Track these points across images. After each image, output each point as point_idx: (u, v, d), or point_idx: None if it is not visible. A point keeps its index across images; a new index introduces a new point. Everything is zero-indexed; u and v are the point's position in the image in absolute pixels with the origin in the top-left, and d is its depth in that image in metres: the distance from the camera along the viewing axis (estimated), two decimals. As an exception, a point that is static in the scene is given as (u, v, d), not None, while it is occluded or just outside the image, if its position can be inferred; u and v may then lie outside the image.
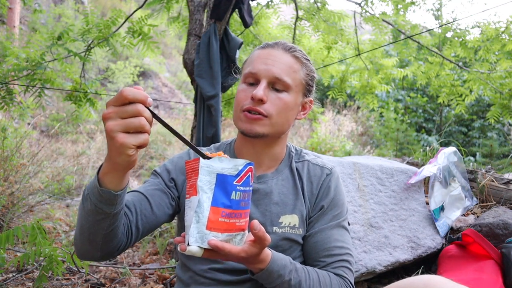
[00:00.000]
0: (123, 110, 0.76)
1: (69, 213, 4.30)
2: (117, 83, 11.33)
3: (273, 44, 1.14)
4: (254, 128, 1.08)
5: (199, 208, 0.82)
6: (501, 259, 1.80)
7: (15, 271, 2.36)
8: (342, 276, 1.08)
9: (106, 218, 0.89)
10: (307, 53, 4.29)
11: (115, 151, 0.78)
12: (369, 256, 1.94)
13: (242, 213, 0.86)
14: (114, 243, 0.97)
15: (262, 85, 1.07)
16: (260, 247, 0.88)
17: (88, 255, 0.98)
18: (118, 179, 0.85)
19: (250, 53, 1.19)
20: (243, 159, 1.16)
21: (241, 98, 1.10)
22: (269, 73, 1.08)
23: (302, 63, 1.14)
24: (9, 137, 3.42)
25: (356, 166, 2.18)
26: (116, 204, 0.88)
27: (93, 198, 0.87)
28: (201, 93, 2.68)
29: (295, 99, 1.12)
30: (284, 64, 1.10)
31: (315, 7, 3.84)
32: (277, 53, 1.11)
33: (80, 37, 2.97)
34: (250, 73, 1.10)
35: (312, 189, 1.17)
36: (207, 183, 0.83)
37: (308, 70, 1.16)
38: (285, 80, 1.09)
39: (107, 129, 0.76)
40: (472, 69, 3.78)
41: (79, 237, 0.95)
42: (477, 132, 7.57)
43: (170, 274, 2.49)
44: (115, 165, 0.82)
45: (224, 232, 0.83)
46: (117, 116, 0.76)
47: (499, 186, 2.41)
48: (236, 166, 0.85)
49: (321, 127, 7.14)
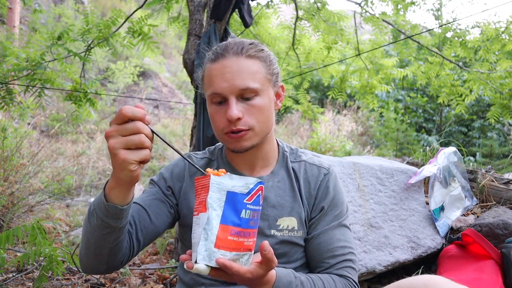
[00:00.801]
0: (124, 128, 0.80)
1: (69, 213, 4.30)
2: (117, 83, 11.33)
3: (222, 52, 1.06)
4: (242, 144, 1.06)
5: (208, 225, 0.81)
6: (501, 259, 1.80)
7: (15, 271, 2.36)
8: (346, 277, 1.08)
9: (112, 232, 0.92)
10: (307, 54, 4.26)
11: (118, 167, 0.83)
12: (369, 256, 1.94)
13: (250, 233, 0.85)
14: (119, 256, 0.99)
15: (232, 103, 1.02)
16: (267, 269, 0.87)
17: (94, 269, 1.01)
18: (123, 194, 0.89)
19: (204, 67, 1.12)
20: (236, 163, 1.17)
21: (217, 122, 1.07)
22: (233, 88, 1.03)
23: (259, 58, 1.07)
24: (9, 137, 3.42)
25: (356, 166, 2.18)
26: (122, 218, 0.91)
27: (100, 213, 0.90)
28: (201, 93, 2.68)
29: (268, 96, 1.08)
30: (243, 71, 1.03)
31: (315, 7, 3.84)
32: (231, 62, 1.04)
33: (80, 37, 2.97)
34: (214, 94, 1.05)
35: (310, 189, 1.16)
36: (217, 200, 0.82)
37: (267, 60, 1.09)
38: (252, 87, 1.03)
39: (109, 146, 0.81)
40: (472, 69, 3.78)
41: (85, 251, 0.97)
42: (477, 132, 7.57)
43: (170, 274, 2.49)
44: (119, 181, 0.86)
45: (232, 251, 0.82)
46: (118, 134, 0.81)
47: (499, 186, 2.41)
48: (247, 184, 0.84)
49: (321, 127, 7.14)
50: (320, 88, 10.08)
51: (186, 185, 1.15)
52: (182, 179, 1.16)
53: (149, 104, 11.44)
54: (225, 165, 1.18)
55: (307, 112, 4.71)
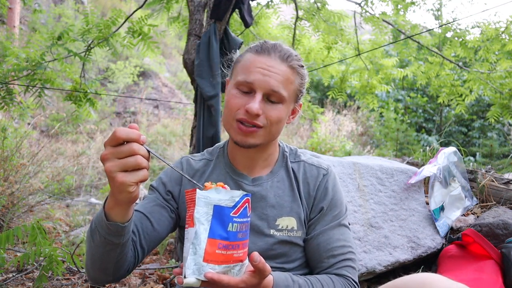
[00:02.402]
0: (119, 150, 0.80)
1: (69, 213, 4.30)
2: (117, 83, 11.33)
3: (269, 49, 1.08)
4: (248, 140, 1.06)
5: (196, 240, 0.82)
6: (501, 259, 1.80)
7: (15, 271, 2.36)
8: (345, 276, 1.09)
9: (116, 248, 0.93)
10: (307, 54, 4.27)
11: (116, 190, 0.82)
12: (369, 256, 1.94)
13: (239, 244, 0.85)
14: (125, 267, 1.01)
15: (258, 98, 1.03)
16: (260, 277, 0.88)
17: (101, 280, 1.03)
18: (123, 212, 0.89)
19: (243, 52, 1.13)
20: (236, 163, 1.17)
21: (233, 105, 1.06)
22: (266, 85, 1.04)
23: (297, 73, 1.10)
24: (9, 137, 3.42)
25: (356, 166, 2.18)
26: (124, 234, 0.92)
27: (102, 231, 0.91)
28: (201, 93, 2.68)
29: (288, 108, 1.10)
30: (281, 76, 1.05)
31: (315, 7, 3.84)
32: (274, 64, 1.05)
33: (80, 37, 2.97)
34: (245, 82, 1.05)
35: (309, 190, 1.16)
36: (204, 214, 0.83)
37: (302, 78, 1.12)
38: (281, 93, 1.05)
39: (106, 170, 0.80)
40: (472, 69, 3.78)
41: (91, 266, 0.98)
42: (477, 132, 7.57)
43: (170, 274, 2.49)
44: (118, 202, 0.86)
45: (222, 263, 0.83)
46: (114, 157, 0.80)
47: (499, 186, 2.41)
48: (233, 197, 0.85)
49: (321, 127, 7.14)
50: (320, 88, 10.08)
51: (184, 188, 1.15)
52: (181, 182, 1.17)
53: (149, 104, 11.45)
54: (225, 165, 1.18)
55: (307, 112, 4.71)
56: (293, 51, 1.12)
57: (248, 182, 1.15)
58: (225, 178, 1.16)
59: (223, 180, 1.15)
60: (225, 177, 1.16)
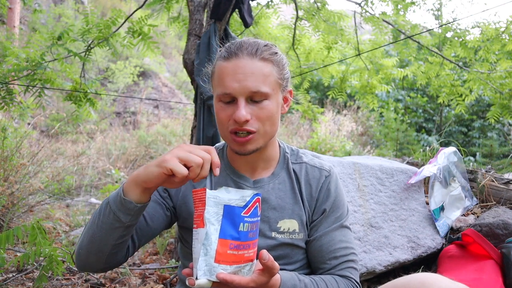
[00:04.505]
0: (195, 150, 0.91)
1: (69, 213, 4.30)
2: (117, 83, 11.33)
3: (236, 51, 1.03)
4: (246, 148, 1.04)
5: (206, 241, 0.81)
6: (501, 259, 1.80)
7: (15, 271, 2.36)
8: (348, 277, 1.09)
9: (120, 228, 0.94)
10: (307, 54, 4.25)
11: (156, 161, 0.89)
12: (369, 256, 1.94)
13: (250, 244, 0.85)
14: (119, 256, 1.01)
15: (241, 105, 1.00)
16: (269, 275, 0.88)
17: (91, 267, 1.02)
18: (140, 193, 0.93)
19: (215, 62, 1.09)
20: (237, 165, 1.16)
21: (223, 118, 1.04)
22: (244, 90, 1.00)
23: (272, 62, 1.05)
24: (9, 137, 3.41)
25: (356, 166, 2.18)
26: (133, 214, 0.93)
27: (114, 206, 0.93)
28: (201, 93, 2.68)
29: (276, 100, 1.06)
30: (256, 73, 1.01)
31: (315, 7, 3.84)
32: (245, 63, 1.01)
33: (80, 37, 2.97)
34: (224, 94, 1.02)
35: (311, 192, 1.15)
36: (214, 214, 0.82)
37: (280, 65, 1.07)
38: (262, 91, 1.01)
39: (171, 151, 0.90)
40: (472, 69, 3.78)
41: (86, 247, 0.98)
42: (477, 132, 7.57)
43: (170, 274, 2.49)
44: (140, 175, 0.92)
45: (233, 264, 0.83)
46: (188, 149, 0.91)
47: (499, 186, 2.41)
48: (243, 197, 0.84)
49: (321, 127, 7.14)
50: (320, 88, 10.07)
51: (185, 189, 1.14)
52: None
53: (149, 104, 11.45)
54: (226, 167, 1.17)
55: (307, 112, 4.70)
56: (261, 41, 1.07)
57: (249, 184, 1.14)
58: (225, 180, 1.15)
59: (224, 182, 1.14)
60: (225, 179, 1.15)
